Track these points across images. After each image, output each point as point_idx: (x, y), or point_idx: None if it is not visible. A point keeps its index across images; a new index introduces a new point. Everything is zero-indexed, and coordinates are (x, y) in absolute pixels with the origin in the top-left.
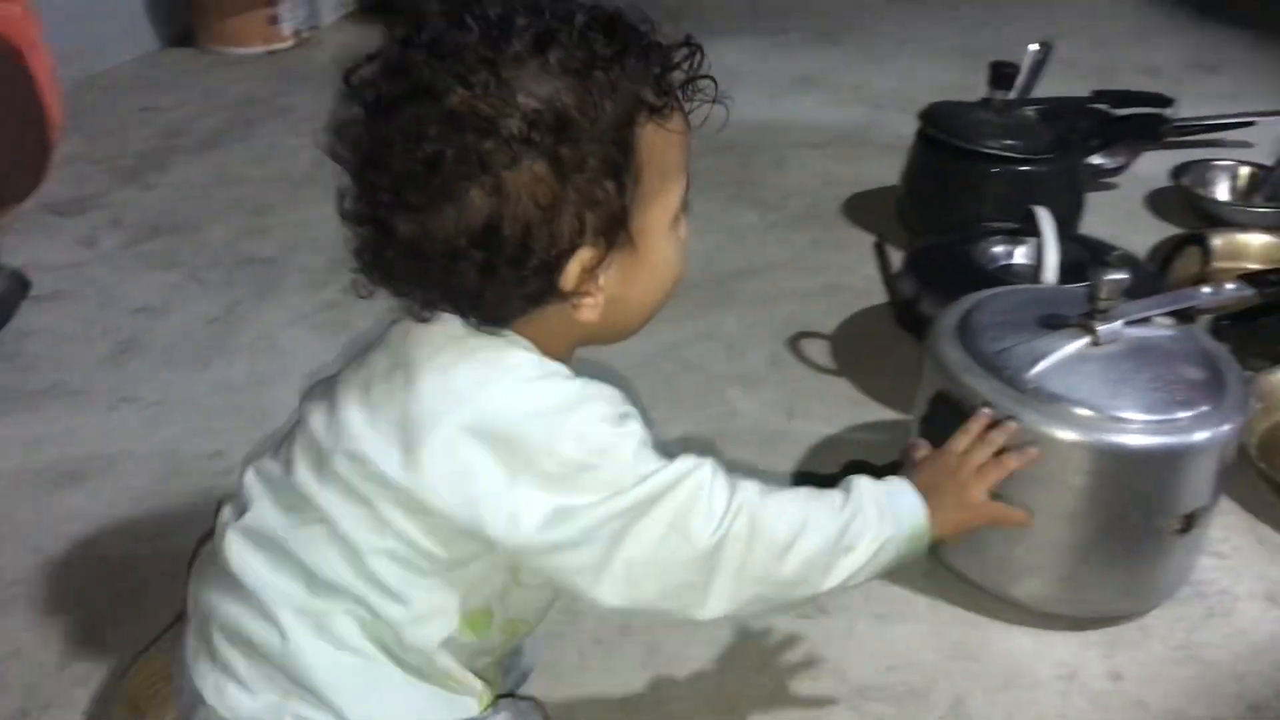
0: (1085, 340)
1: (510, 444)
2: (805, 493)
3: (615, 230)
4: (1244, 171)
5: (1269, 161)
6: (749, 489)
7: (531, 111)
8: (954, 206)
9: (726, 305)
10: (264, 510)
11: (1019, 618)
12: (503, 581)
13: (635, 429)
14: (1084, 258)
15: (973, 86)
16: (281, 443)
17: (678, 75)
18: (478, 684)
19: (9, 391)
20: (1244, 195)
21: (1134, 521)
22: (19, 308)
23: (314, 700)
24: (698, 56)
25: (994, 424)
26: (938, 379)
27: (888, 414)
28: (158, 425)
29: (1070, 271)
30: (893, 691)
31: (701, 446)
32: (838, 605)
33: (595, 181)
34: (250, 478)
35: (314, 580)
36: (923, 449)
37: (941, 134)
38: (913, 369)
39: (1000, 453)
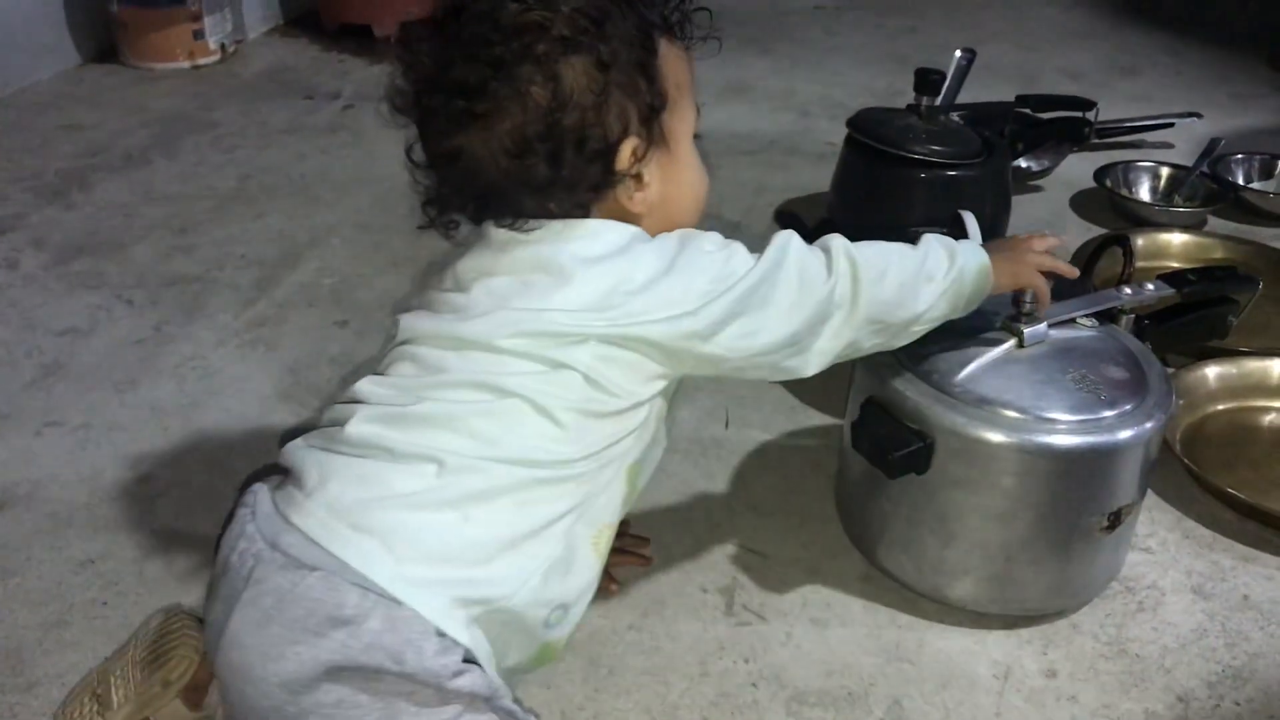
0: (1010, 343)
1: (672, 272)
2: (885, 243)
3: (652, 122)
4: (1165, 172)
5: (1188, 162)
6: (836, 239)
7: (574, 13)
8: (883, 211)
9: None
10: (413, 396)
11: (954, 618)
12: (654, 426)
13: (736, 243)
14: None
15: (901, 92)
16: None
17: (676, 15)
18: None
19: None
20: (1165, 195)
21: (1063, 520)
22: None
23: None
24: (688, 2)
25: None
26: (868, 384)
27: (824, 419)
28: (85, 449)
29: None
30: (831, 696)
31: None
32: (775, 610)
33: (631, 75)
34: (369, 385)
35: (496, 448)
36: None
37: (869, 140)
38: (845, 374)
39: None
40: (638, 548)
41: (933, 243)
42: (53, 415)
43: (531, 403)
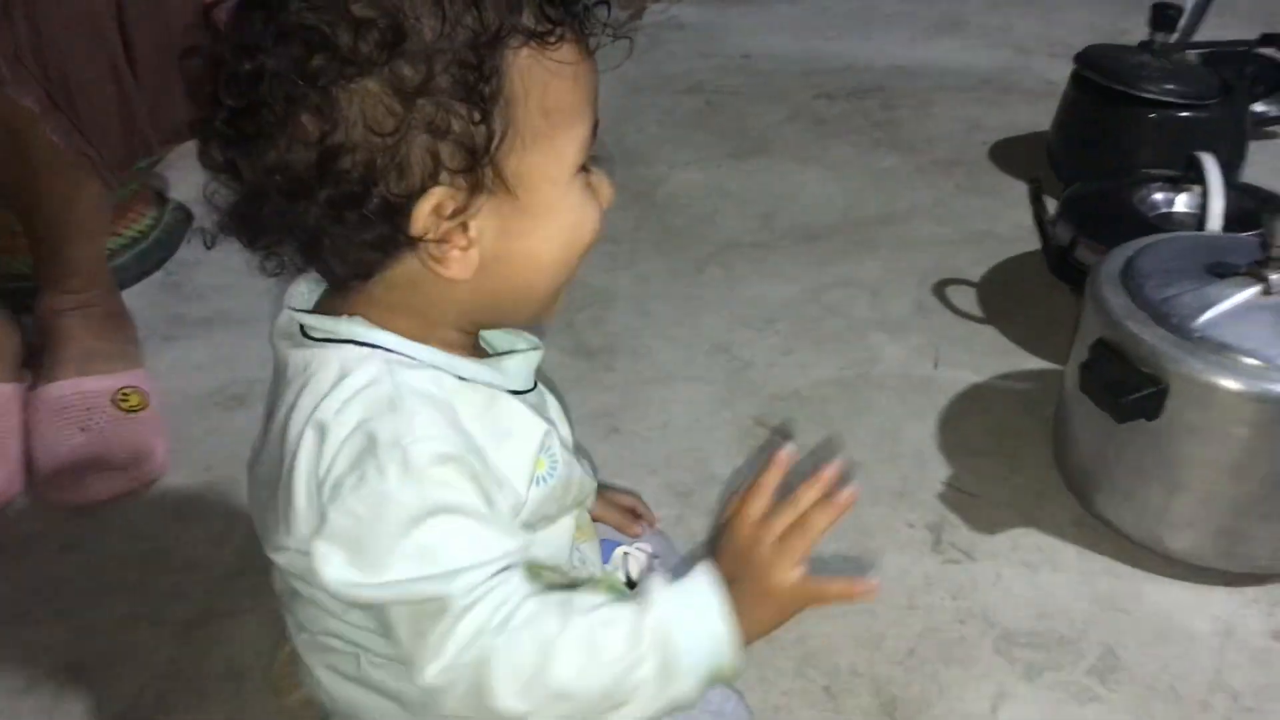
0: (1256, 289)
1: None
2: (584, 632)
3: (479, 168)
4: None
5: None
6: (510, 629)
7: (365, 21)
8: (1111, 153)
9: (868, 251)
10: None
11: (1171, 570)
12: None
13: (430, 490)
14: (1249, 207)
15: (1125, 31)
16: None
17: (555, 12)
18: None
19: (179, 319)
20: None
21: None
22: (186, 239)
23: None
24: None
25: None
26: (1099, 325)
27: (1038, 363)
28: None
29: (1234, 221)
30: (1042, 638)
31: (841, 393)
32: (984, 551)
33: (446, 108)
34: None
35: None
36: (776, 469)
37: (1099, 78)
38: (1064, 318)
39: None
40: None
41: (644, 647)
42: None
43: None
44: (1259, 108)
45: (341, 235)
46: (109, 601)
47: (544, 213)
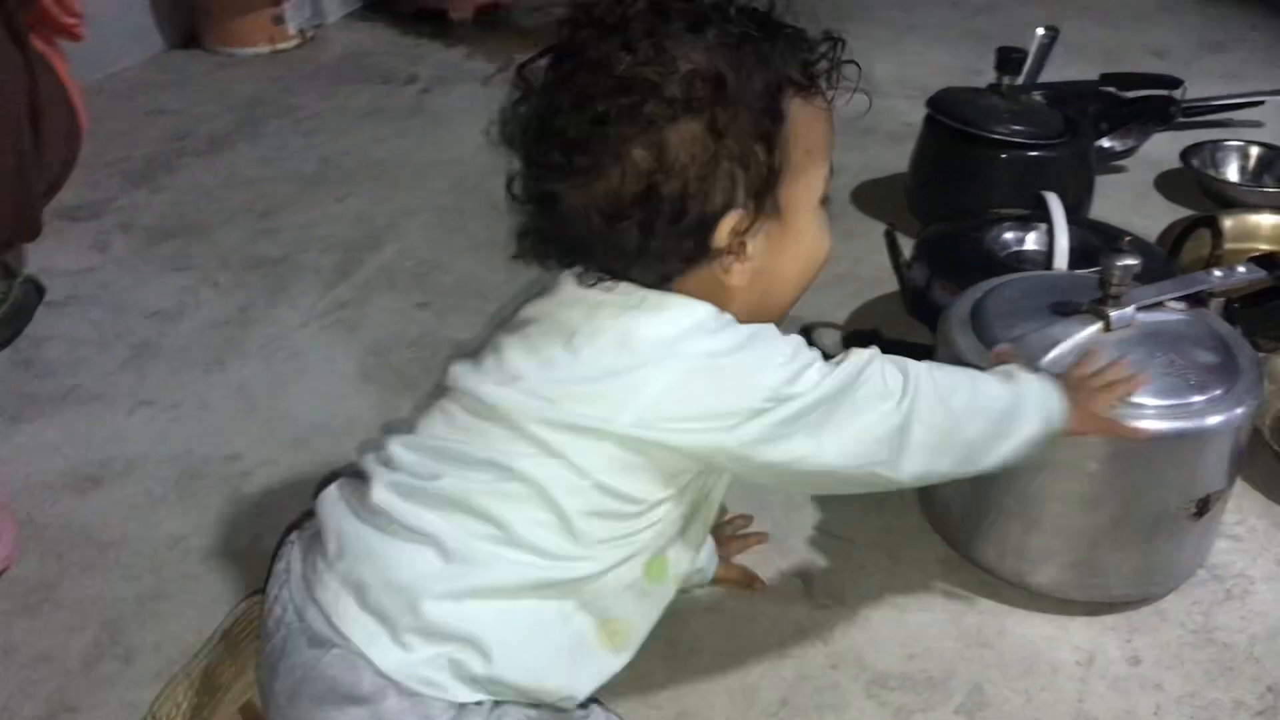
0: (1097, 326)
1: (721, 374)
2: (971, 373)
3: (764, 195)
4: (1254, 152)
5: (1279, 141)
6: (919, 368)
7: (690, 74)
8: (964, 193)
9: None
10: (433, 468)
11: (1036, 604)
12: (679, 524)
13: (812, 353)
14: (1095, 243)
15: (980, 71)
16: (424, 414)
17: (822, 64)
18: (635, 642)
19: (28, 397)
20: (1254, 176)
21: (1150, 506)
22: (35, 314)
23: (475, 650)
24: (840, 46)
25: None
26: None
27: None
28: (174, 428)
29: (1081, 256)
30: (911, 679)
31: None
32: (854, 595)
33: (747, 144)
34: (398, 448)
35: (505, 532)
36: (1016, 358)
37: (950, 120)
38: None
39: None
40: (746, 529)
41: (1028, 397)
42: (144, 395)
43: (541, 492)
44: (1105, 143)
45: (654, 249)
46: None
47: (800, 234)
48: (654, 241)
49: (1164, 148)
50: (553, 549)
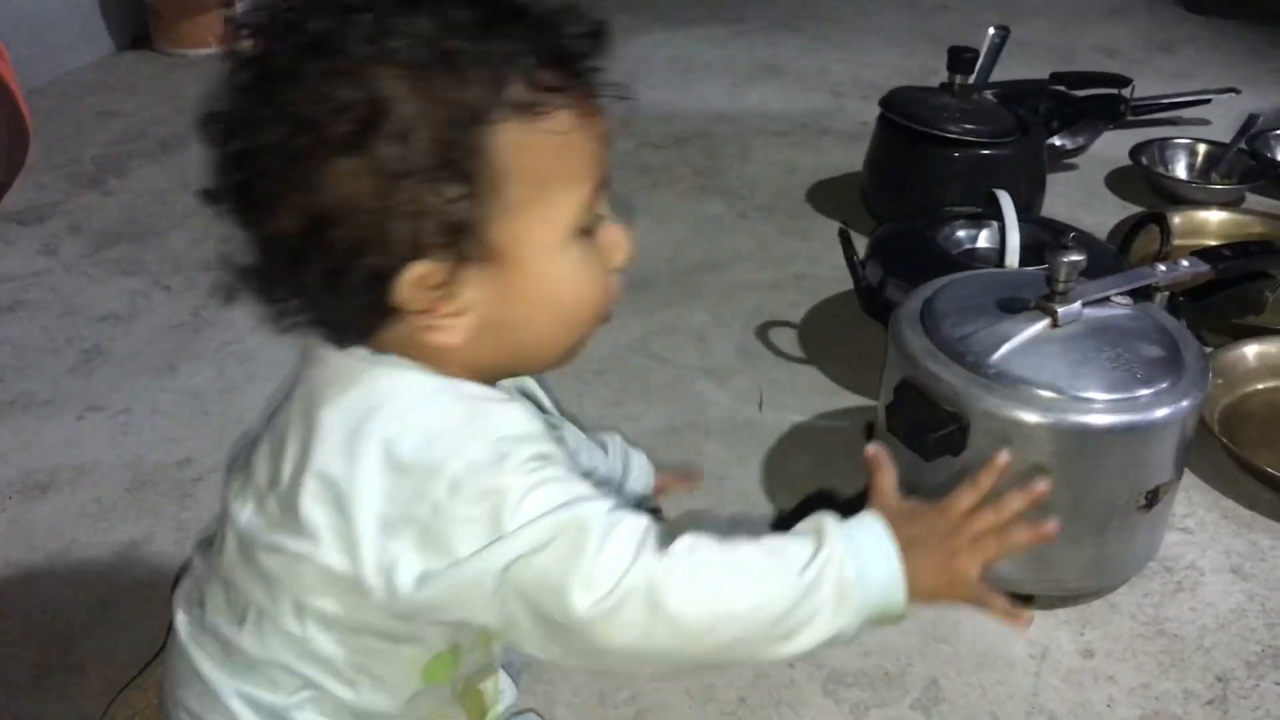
0: (1045, 322)
1: (391, 484)
2: (755, 554)
3: (460, 242)
4: (1202, 149)
5: (1226, 139)
6: (674, 554)
7: (345, 104)
8: (917, 191)
9: (694, 298)
10: (210, 597)
11: None
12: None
13: (529, 464)
14: (1046, 240)
15: (933, 71)
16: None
17: (572, 66)
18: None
19: None
20: (1202, 173)
21: (1100, 499)
22: None
23: None
24: (597, 42)
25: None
26: (902, 366)
27: (857, 401)
28: (125, 434)
29: (1033, 253)
30: (868, 676)
31: (671, 441)
32: None
33: (427, 186)
34: (197, 560)
35: (259, 672)
36: (885, 468)
37: (903, 119)
38: (880, 355)
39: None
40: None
41: (825, 576)
42: (94, 400)
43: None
44: (1055, 141)
45: (336, 301)
46: None
47: (539, 278)
48: (333, 295)
49: (1114, 146)
50: (372, 707)
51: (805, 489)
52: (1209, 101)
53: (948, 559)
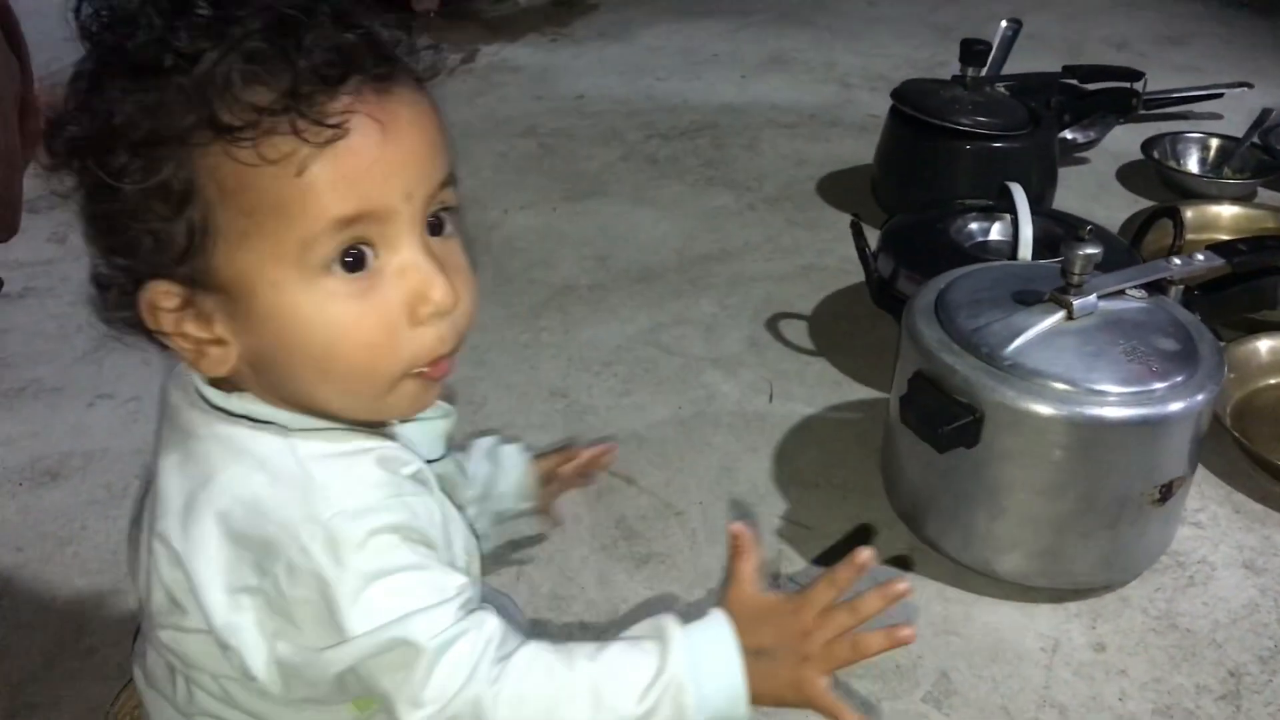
0: (1060, 315)
1: (232, 554)
2: (591, 678)
3: (186, 266)
4: (1214, 143)
5: (1238, 133)
6: (507, 677)
7: (86, 111)
8: (928, 184)
9: (702, 289)
10: (148, 655)
11: (1001, 592)
12: None
13: (367, 548)
14: (1058, 233)
15: (944, 63)
16: None
17: (303, 87)
18: None
19: None
20: (1214, 167)
21: (1113, 493)
22: None
23: None
24: (342, 58)
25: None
26: (915, 358)
27: (867, 393)
28: (135, 421)
29: (1044, 246)
30: (879, 668)
31: (679, 432)
32: None
33: (140, 202)
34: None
35: None
36: (748, 553)
37: (915, 111)
38: (890, 348)
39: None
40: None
41: (663, 702)
42: (104, 388)
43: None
44: (1067, 135)
45: (109, 312)
46: None
47: (274, 316)
48: (106, 310)
49: (1124, 140)
50: None
51: (814, 482)
52: (1221, 95)
53: (797, 667)
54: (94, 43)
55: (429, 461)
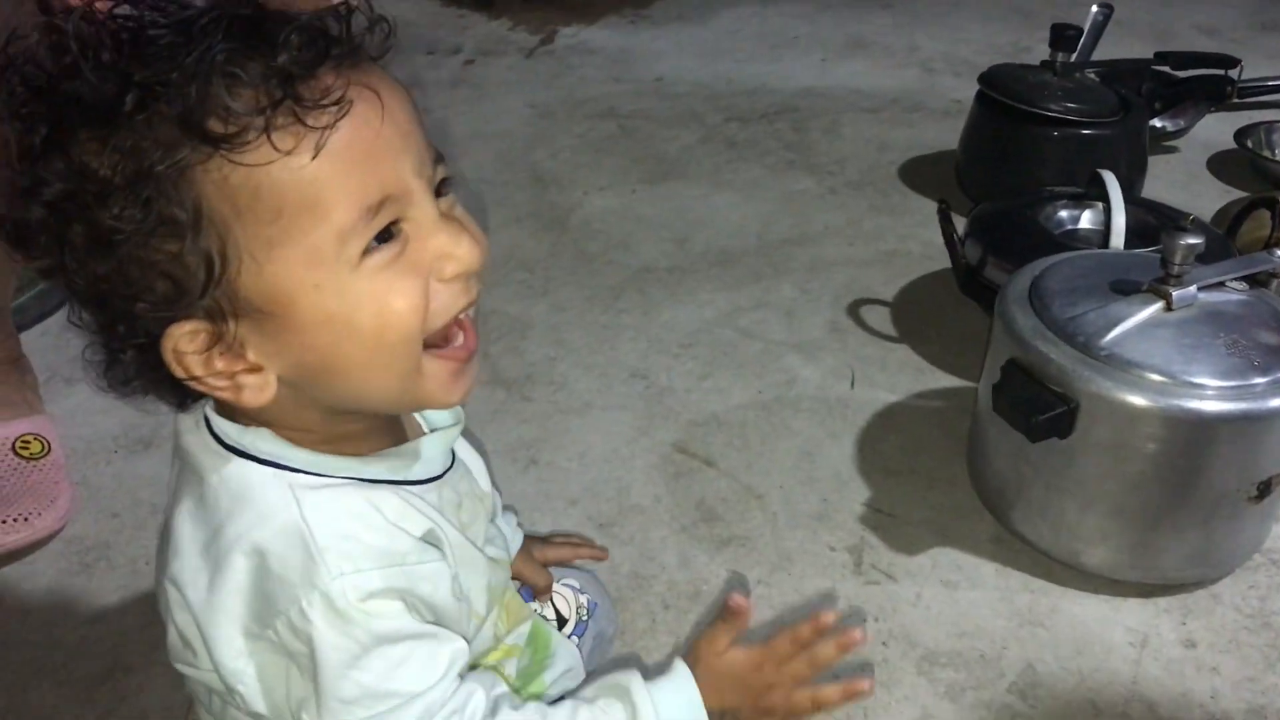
0: (1158, 305)
1: (245, 600)
2: None
3: (208, 297)
4: None
5: None
6: None
7: (60, 173)
8: (1016, 170)
9: (783, 273)
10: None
11: (1088, 584)
12: None
13: (360, 621)
14: (1149, 222)
15: (1027, 49)
16: None
17: (285, 79)
18: None
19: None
20: None
21: (1208, 488)
22: None
23: None
24: (315, 45)
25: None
26: (1009, 346)
27: (951, 381)
28: None
29: (1136, 236)
30: (963, 657)
31: (759, 416)
32: (904, 571)
33: (147, 247)
34: None
35: None
36: (737, 622)
37: (1003, 97)
38: (976, 336)
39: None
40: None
41: None
42: None
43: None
44: (1157, 123)
45: (124, 363)
46: (11, 658)
47: (322, 320)
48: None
49: (1215, 129)
50: None
51: (898, 469)
52: None
53: (757, 714)
54: (30, 110)
55: (436, 477)
